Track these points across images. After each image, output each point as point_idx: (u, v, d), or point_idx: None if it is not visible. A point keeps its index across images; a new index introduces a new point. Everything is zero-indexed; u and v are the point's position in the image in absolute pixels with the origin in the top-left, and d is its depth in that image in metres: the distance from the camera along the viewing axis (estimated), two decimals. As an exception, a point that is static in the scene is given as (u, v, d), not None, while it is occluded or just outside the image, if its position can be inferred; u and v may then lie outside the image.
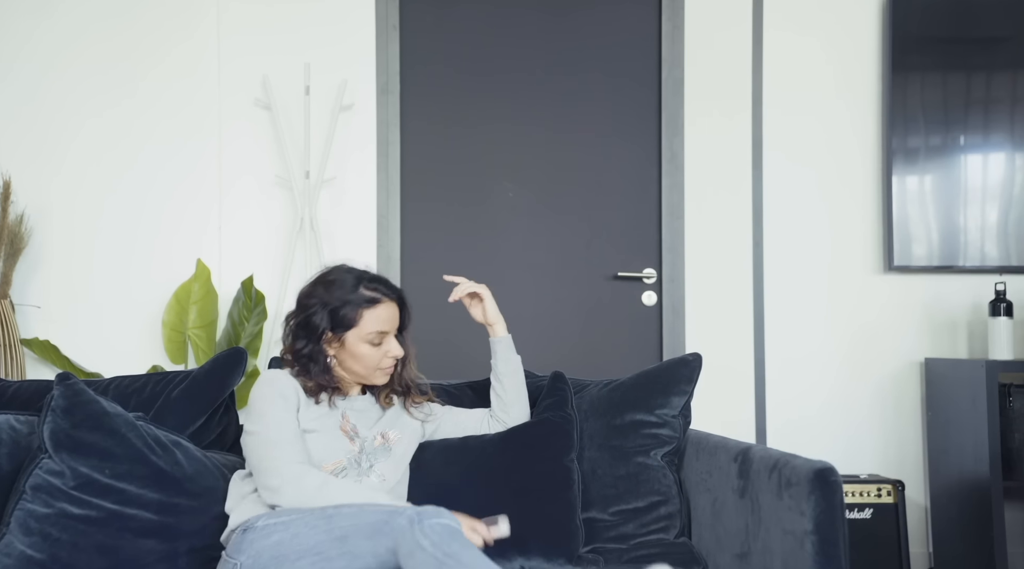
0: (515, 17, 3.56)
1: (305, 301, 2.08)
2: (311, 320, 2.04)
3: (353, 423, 2.08)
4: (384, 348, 2.07)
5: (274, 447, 1.92)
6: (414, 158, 3.52)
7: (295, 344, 2.08)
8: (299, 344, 2.07)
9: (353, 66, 3.46)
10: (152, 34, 3.42)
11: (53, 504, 1.89)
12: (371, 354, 2.06)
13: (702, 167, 3.55)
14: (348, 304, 2.03)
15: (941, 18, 3.53)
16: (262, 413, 1.97)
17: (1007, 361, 3.22)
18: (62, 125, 3.39)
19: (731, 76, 3.57)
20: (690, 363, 2.32)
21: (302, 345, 2.07)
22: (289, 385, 2.03)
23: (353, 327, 2.04)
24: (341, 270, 2.10)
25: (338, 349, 2.06)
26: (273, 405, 1.98)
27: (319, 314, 2.04)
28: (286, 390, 2.01)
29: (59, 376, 1.97)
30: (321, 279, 2.09)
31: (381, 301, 2.06)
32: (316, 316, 2.04)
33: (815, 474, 1.83)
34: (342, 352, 2.06)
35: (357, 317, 2.03)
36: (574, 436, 2.22)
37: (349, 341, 2.05)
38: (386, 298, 2.07)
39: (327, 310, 2.04)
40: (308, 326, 2.05)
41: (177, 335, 3.30)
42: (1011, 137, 3.52)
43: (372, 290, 2.06)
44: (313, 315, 2.04)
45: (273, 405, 1.98)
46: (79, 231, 3.38)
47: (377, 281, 2.09)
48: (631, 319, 3.56)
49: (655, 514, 2.20)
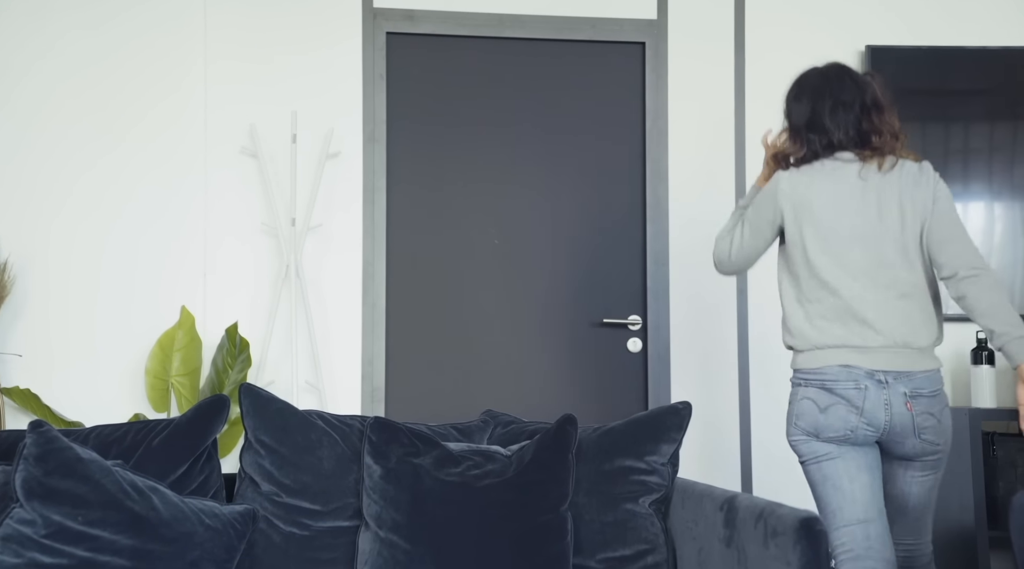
0: (501, 67, 3.61)
1: None
2: None
3: None
4: None
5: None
6: (400, 206, 3.54)
7: None
8: None
9: (340, 115, 3.49)
10: (139, 83, 3.44)
11: (23, 553, 1.86)
12: None
13: (687, 214, 3.58)
14: None
15: (919, 70, 3.60)
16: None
17: (990, 409, 3.23)
18: (48, 173, 3.39)
19: (714, 125, 3.62)
20: (680, 411, 2.32)
21: None
22: None
23: None
24: None
25: None
26: None
27: None
28: None
29: (32, 424, 1.95)
30: None
31: None
32: None
33: (801, 523, 1.83)
34: None
35: None
36: (570, 485, 2.22)
37: None
38: None
39: None
40: None
41: (160, 383, 3.28)
42: (989, 187, 3.57)
43: None
44: None
45: None
46: (62, 279, 3.37)
47: None
48: (616, 366, 3.56)
49: (642, 563, 2.18)
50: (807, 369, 2.24)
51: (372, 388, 3.43)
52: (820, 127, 2.29)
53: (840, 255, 2.23)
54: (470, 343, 3.51)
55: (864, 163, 2.25)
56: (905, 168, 2.25)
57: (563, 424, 2.26)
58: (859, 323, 2.19)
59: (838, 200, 2.24)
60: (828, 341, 2.21)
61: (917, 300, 2.23)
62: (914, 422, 2.17)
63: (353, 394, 3.42)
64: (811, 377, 2.23)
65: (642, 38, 3.62)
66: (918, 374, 2.19)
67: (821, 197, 2.25)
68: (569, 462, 2.23)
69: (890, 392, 2.17)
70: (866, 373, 2.17)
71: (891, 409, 2.16)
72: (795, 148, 2.32)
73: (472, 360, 3.50)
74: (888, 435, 2.19)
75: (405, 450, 2.23)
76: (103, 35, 3.43)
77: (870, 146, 2.26)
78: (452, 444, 2.30)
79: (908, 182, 2.23)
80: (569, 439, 2.25)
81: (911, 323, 2.21)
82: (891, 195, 2.23)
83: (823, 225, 2.24)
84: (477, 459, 2.25)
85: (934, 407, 2.19)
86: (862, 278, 2.21)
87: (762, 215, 2.33)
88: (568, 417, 2.27)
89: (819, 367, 2.22)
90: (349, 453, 2.26)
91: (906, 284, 2.22)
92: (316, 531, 2.20)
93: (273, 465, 2.23)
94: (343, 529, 2.21)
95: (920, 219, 2.22)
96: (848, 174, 2.25)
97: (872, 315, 2.19)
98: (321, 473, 2.24)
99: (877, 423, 2.17)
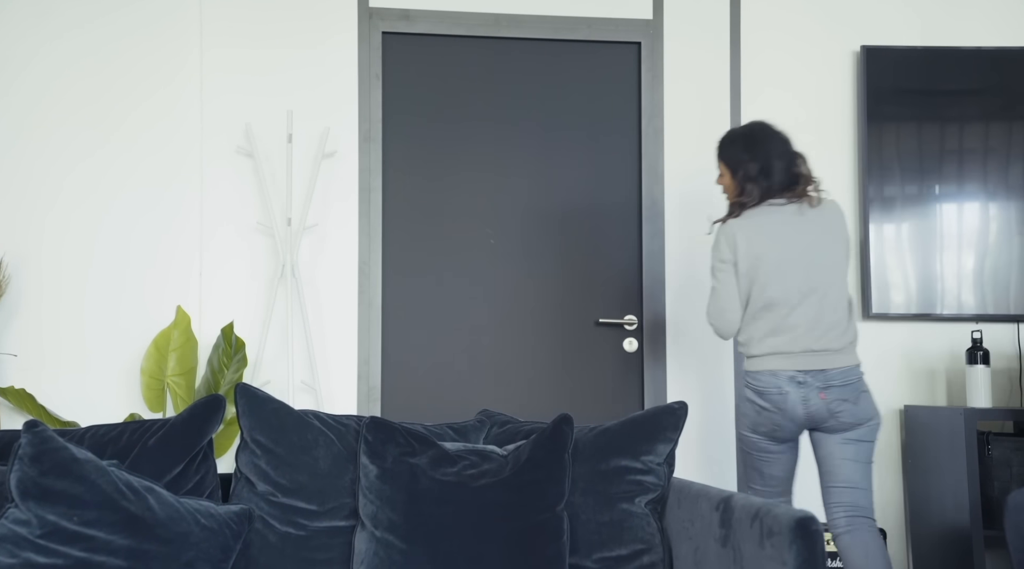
0: (497, 67, 3.61)
1: None
2: None
3: None
4: None
5: None
6: (396, 205, 3.53)
7: None
8: None
9: (336, 114, 3.49)
10: (136, 84, 3.43)
11: (18, 554, 1.85)
12: None
13: (682, 213, 3.59)
14: None
15: (914, 70, 3.60)
16: None
17: (985, 409, 3.24)
18: (41, 172, 3.38)
19: (710, 125, 3.62)
20: (676, 411, 2.33)
21: None
22: None
23: None
24: None
25: None
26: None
27: None
28: None
29: (27, 424, 1.94)
30: None
31: None
32: None
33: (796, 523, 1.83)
34: None
35: None
36: (567, 484, 2.22)
37: None
38: None
39: None
40: None
41: (156, 383, 3.27)
42: (984, 187, 3.58)
43: None
44: None
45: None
46: (57, 278, 3.36)
47: None
48: (612, 365, 3.56)
49: (638, 562, 2.18)
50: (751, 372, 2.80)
51: (368, 388, 3.43)
52: (769, 174, 2.77)
53: (783, 280, 2.73)
54: (466, 343, 3.51)
55: (797, 203, 2.76)
56: (825, 205, 2.79)
57: (559, 424, 2.26)
58: (789, 332, 2.73)
59: (782, 234, 2.75)
60: (765, 349, 2.75)
61: (839, 312, 2.75)
62: (828, 407, 2.72)
63: (349, 394, 3.42)
64: (752, 381, 2.79)
65: (638, 38, 3.62)
66: (832, 370, 2.73)
67: (769, 234, 2.75)
68: (565, 462, 2.23)
69: (807, 389, 2.72)
70: (789, 376, 2.72)
71: (808, 402, 2.71)
72: (750, 196, 2.78)
73: (468, 360, 3.50)
74: (813, 421, 2.74)
75: (401, 450, 2.23)
76: (97, 38, 3.42)
77: (798, 188, 2.78)
78: (448, 444, 2.29)
79: (832, 216, 2.78)
80: (565, 439, 2.25)
81: (832, 331, 2.73)
82: (821, 227, 2.75)
83: (771, 257, 2.73)
84: (473, 459, 2.24)
85: (847, 394, 2.71)
86: (798, 296, 2.73)
87: (725, 260, 2.79)
88: (564, 417, 2.27)
89: (756, 371, 2.77)
90: (345, 453, 2.26)
91: (831, 299, 2.74)
92: (312, 531, 2.20)
93: (269, 465, 2.22)
94: (339, 529, 2.21)
95: (843, 245, 2.78)
96: (787, 212, 2.77)
97: (803, 326, 2.72)
98: (317, 473, 2.23)
99: (797, 416, 2.73)
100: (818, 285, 2.73)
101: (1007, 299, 3.54)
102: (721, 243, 2.81)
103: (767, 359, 2.75)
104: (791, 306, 2.72)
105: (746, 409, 2.81)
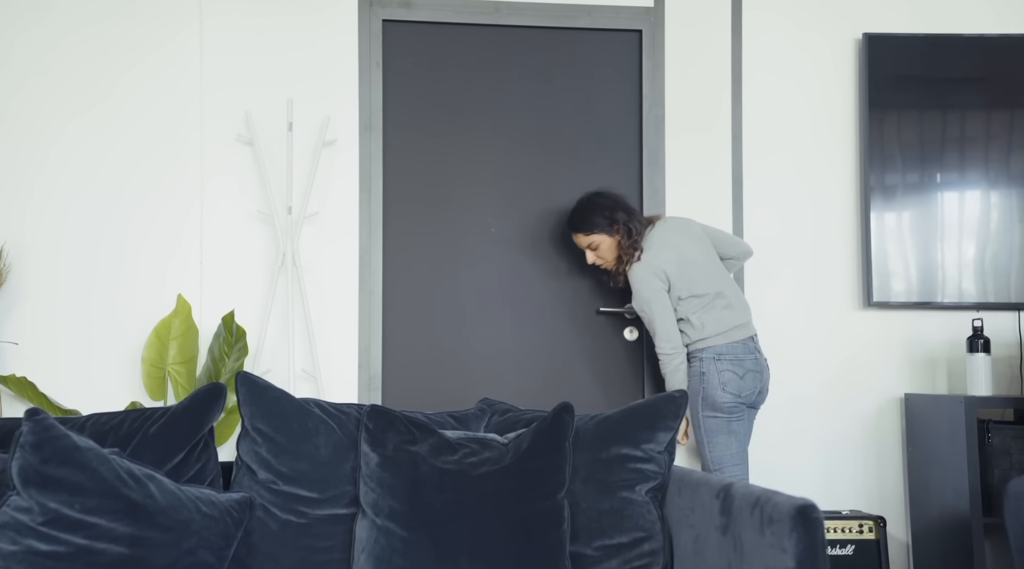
0: (498, 55, 3.60)
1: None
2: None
3: None
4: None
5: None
6: (396, 193, 3.53)
7: None
8: None
9: (336, 103, 3.48)
10: (135, 73, 3.43)
11: (20, 541, 1.86)
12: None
13: (683, 203, 3.58)
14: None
15: (916, 58, 3.59)
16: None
17: (985, 397, 3.24)
18: (40, 160, 3.38)
19: (711, 114, 3.61)
20: (676, 400, 2.33)
21: None
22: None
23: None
24: None
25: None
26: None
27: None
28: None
29: (28, 412, 1.95)
30: None
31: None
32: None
33: (796, 511, 1.83)
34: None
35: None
36: (567, 473, 2.22)
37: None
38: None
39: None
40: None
41: (157, 371, 3.28)
42: (986, 175, 3.57)
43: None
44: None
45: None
46: (58, 267, 3.36)
47: None
48: (613, 354, 3.56)
49: (639, 550, 2.19)
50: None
51: (369, 376, 3.43)
52: (638, 218, 3.26)
53: (704, 274, 3.21)
54: (467, 331, 3.51)
55: (655, 224, 3.29)
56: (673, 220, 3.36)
57: (560, 412, 2.26)
58: (734, 308, 3.21)
59: (676, 241, 3.23)
60: (725, 326, 3.17)
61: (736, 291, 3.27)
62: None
63: (350, 382, 3.43)
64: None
65: (639, 26, 3.61)
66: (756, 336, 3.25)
67: (671, 243, 3.22)
68: (566, 450, 2.23)
69: (759, 353, 3.20)
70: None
71: (765, 360, 3.26)
72: (637, 230, 3.23)
73: (469, 348, 3.51)
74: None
75: (402, 438, 2.23)
76: (96, 23, 3.41)
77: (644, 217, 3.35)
78: (449, 432, 2.30)
79: (690, 226, 3.32)
80: (566, 427, 2.25)
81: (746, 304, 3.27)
82: (694, 235, 3.27)
83: (687, 257, 3.19)
84: (474, 447, 2.25)
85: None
86: (715, 285, 3.22)
87: (657, 288, 3.16)
88: (565, 405, 2.28)
89: (727, 343, 3.17)
90: (346, 441, 2.27)
91: (732, 281, 3.29)
92: (313, 519, 2.21)
93: (270, 453, 2.23)
94: (340, 517, 2.22)
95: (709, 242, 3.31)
96: (662, 229, 3.27)
97: (736, 304, 3.21)
98: (318, 461, 2.24)
99: (766, 373, 3.23)
100: (720, 273, 3.25)
101: (1008, 287, 3.54)
102: (648, 277, 3.16)
103: (731, 332, 3.14)
104: (716, 292, 3.17)
105: (725, 379, 3.09)
